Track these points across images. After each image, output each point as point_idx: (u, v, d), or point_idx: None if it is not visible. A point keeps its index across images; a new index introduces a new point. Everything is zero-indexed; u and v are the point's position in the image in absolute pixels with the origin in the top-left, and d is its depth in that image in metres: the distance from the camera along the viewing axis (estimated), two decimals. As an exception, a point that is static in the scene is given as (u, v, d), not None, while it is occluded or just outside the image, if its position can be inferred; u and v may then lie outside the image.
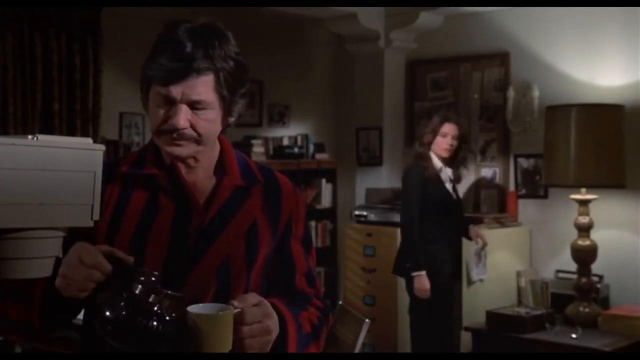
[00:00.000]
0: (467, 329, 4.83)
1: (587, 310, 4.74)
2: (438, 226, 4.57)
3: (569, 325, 4.69)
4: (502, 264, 5.20)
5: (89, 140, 1.41)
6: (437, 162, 4.66)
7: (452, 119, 4.69)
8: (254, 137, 6.30)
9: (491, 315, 4.74)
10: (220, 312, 1.47)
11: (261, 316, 1.54)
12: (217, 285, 1.68)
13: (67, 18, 4.96)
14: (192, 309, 1.48)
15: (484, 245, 4.82)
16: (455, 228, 4.71)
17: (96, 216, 1.42)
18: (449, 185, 4.67)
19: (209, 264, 1.68)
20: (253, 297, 1.56)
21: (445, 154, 4.64)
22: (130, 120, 5.66)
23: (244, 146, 6.23)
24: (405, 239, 4.60)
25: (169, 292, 1.49)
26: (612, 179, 4.71)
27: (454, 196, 4.70)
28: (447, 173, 4.68)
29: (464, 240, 4.91)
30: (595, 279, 4.89)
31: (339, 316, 3.57)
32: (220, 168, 1.77)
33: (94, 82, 5.10)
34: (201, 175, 1.75)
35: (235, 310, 1.49)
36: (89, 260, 1.51)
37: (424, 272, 4.46)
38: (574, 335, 4.48)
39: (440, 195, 4.59)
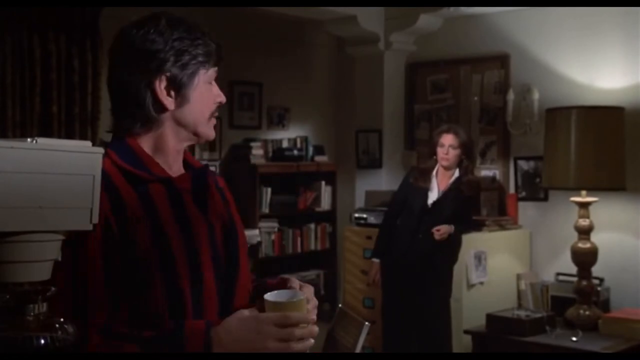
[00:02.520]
0: (467, 332, 4.82)
1: (587, 313, 4.72)
2: (406, 225, 4.77)
3: (569, 328, 4.67)
4: (502, 267, 5.19)
5: (88, 143, 1.40)
6: (438, 173, 4.84)
7: (450, 130, 4.80)
8: (253, 140, 6.29)
9: (491, 318, 4.72)
10: (300, 297, 1.53)
11: (311, 295, 1.62)
12: (252, 286, 1.68)
13: (66, 21, 4.95)
14: (272, 297, 1.51)
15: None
16: (422, 230, 4.73)
17: (95, 219, 1.41)
18: (433, 194, 4.78)
19: (245, 269, 1.65)
20: (295, 280, 1.64)
21: (443, 163, 4.78)
22: (129, 123, 5.62)
23: (243, 148, 6.22)
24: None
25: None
26: (612, 181, 4.70)
27: (430, 204, 4.77)
28: (437, 182, 4.81)
29: (463, 244, 4.90)
30: (596, 281, 4.88)
31: (338, 319, 3.56)
32: (184, 161, 1.68)
33: (93, 84, 5.08)
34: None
35: (305, 295, 1.57)
36: None
37: (377, 261, 4.93)
38: (574, 338, 4.47)
39: (415, 201, 4.80)
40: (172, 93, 1.55)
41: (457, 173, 4.80)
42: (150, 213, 1.53)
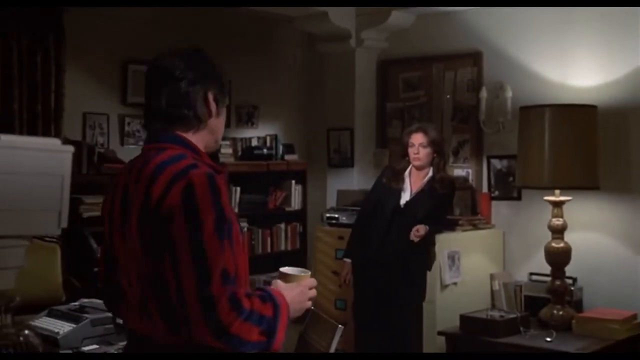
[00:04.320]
0: (440, 333, 4.76)
1: (561, 313, 4.70)
2: (378, 226, 4.74)
3: (543, 328, 4.65)
4: (475, 267, 5.14)
5: (57, 141, 1.31)
6: (411, 173, 4.84)
7: (419, 129, 4.81)
8: (222, 138, 6.18)
9: (465, 319, 4.67)
10: (309, 272, 2.05)
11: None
12: None
13: (28, 17, 4.81)
14: (294, 271, 2.03)
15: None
16: (394, 231, 4.71)
17: (64, 223, 1.32)
18: (405, 194, 4.78)
19: None
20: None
21: (415, 163, 4.79)
22: (94, 121, 5.52)
23: (212, 147, 6.12)
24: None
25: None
26: (586, 180, 4.67)
27: (402, 205, 4.76)
28: (410, 183, 4.81)
29: (437, 244, 4.85)
30: (569, 281, 4.85)
31: (311, 322, 3.49)
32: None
33: (56, 81, 4.96)
34: None
35: None
36: None
37: (348, 261, 4.95)
38: (548, 339, 4.44)
39: (387, 201, 4.79)
40: (214, 105, 2.00)
41: (430, 172, 4.80)
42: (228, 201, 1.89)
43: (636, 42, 4.85)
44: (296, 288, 1.94)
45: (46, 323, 2.77)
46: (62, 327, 2.71)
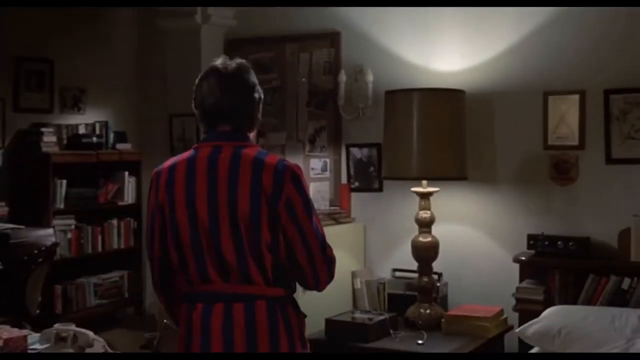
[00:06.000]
0: (304, 339, 4.34)
1: (429, 312, 4.48)
2: None
3: (411, 329, 4.37)
4: (338, 265, 4.73)
5: None
6: None
7: None
8: (44, 125, 5.61)
9: (331, 324, 4.28)
10: None
11: None
12: None
13: None
14: None
15: None
16: None
17: None
18: None
19: None
20: None
21: None
22: None
23: (32, 134, 5.51)
24: None
25: None
26: (455, 170, 4.43)
27: None
28: None
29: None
30: (434, 277, 4.59)
31: (164, 335, 3.11)
32: None
33: None
34: None
35: None
36: None
37: None
38: (420, 342, 4.15)
39: None
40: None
41: None
42: None
43: (499, 27, 4.65)
44: None
45: None
46: None
